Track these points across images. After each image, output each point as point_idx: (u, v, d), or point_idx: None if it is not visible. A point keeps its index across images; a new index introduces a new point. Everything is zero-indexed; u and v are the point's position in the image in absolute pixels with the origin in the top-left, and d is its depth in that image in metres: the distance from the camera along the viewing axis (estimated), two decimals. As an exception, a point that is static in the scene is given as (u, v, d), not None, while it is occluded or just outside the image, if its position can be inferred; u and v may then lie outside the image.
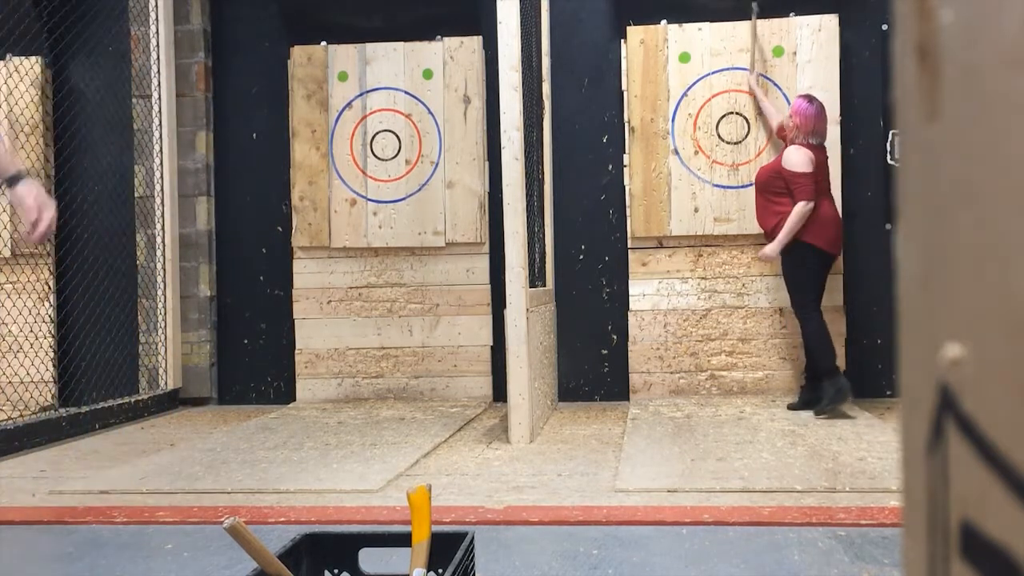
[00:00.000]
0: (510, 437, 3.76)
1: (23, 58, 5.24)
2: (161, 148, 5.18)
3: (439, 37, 5.07)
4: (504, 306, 3.81)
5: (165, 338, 5.17)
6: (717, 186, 4.87)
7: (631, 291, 4.98)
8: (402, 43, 5.09)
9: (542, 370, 4.32)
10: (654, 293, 4.96)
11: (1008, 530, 0.31)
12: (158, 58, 5.14)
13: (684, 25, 4.89)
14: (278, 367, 5.30)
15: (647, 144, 4.92)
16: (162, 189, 5.19)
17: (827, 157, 4.38)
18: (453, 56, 5.05)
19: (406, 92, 5.08)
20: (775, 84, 4.83)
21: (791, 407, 4.45)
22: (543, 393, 4.34)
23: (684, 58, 4.88)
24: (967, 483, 0.33)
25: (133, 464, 3.51)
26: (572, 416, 4.59)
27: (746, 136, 4.85)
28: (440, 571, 1.57)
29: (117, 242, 5.27)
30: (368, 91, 5.11)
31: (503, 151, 3.75)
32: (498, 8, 3.70)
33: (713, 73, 4.87)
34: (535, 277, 4.40)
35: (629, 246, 4.99)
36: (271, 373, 5.32)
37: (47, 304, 5.29)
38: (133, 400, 4.80)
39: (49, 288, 5.30)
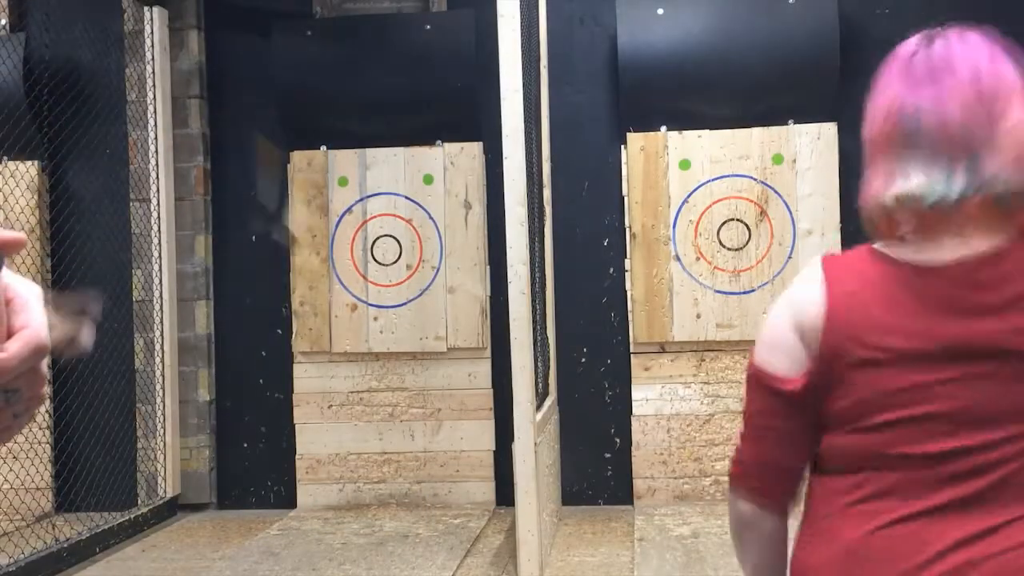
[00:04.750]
0: (519, 574, 3.73)
1: (19, 162, 5.20)
2: (160, 252, 5.15)
3: (439, 142, 5.07)
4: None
5: (164, 444, 5.12)
6: (719, 292, 4.88)
7: (634, 396, 4.98)
8: (402, 148, 5.08)
9: (548, 491, 4.30)
10: (657, 398, 4.96)
11: None
12: (157, 163, 5.12)
13: (684, 132, 4.91)
14: (278, 471, 5.25)
15: (648, 250, 4.93)
16: (161, 293, 5.15)
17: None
18: (454, 161, 5.06)
19: (407, 197, 5.08)
20: (775, 191, 4.85)
21: None
22: (549, 512, 4.32)
23: (684, 165, 4.91)
24: None
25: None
26: (578, 530, 4.56)
27: (747, 243, 4.87)
28: None
29: (115, 346, 5.22)
30: (368, 196, 5.10)
31: (510, 285, 3.75)
32: (504, 144, 3.71)
33: (713, 180, 4.89)
34: (539, 386, 4.39)
35: (631, 350, 4.98)
36: (271, 477, 5.27)
37: (44, 409, 5.23)
38: (132, 516, 4.73)
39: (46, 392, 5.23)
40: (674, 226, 4.92)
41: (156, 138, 5.13)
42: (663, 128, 4.94)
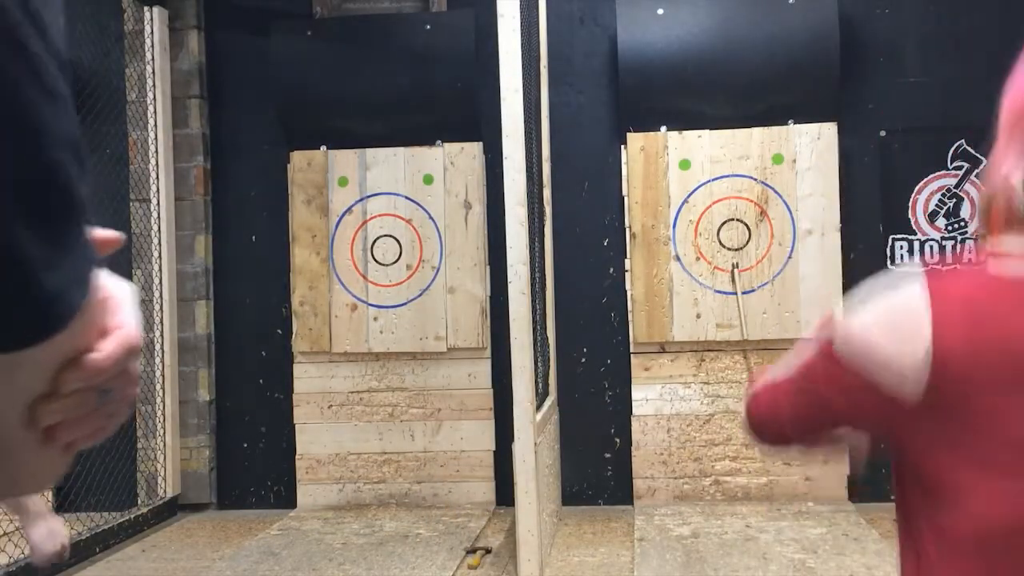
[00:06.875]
0: (519, 574, 3.73)
1: (20, 162, 5.19)
2: (160, 252, 5.15)
3: (439, 143, 5.07)
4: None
5: (164, 444, 5.11)
6: (719, 292, 4.88)
7: (634, 396, 4.97)
8: (402, 148, 5.08)
9: (548, 491, 4.29)
10: (657, 398, 4.96)
11: None
12: (157, 163, 5.12)
13: (684, 132, 4.91)
14: (278, 471, 5.24)
15: (648, 250, 4.93)
16: (161, 293, 5.15)
17: None
18: (453, 161, 5.06)
19: (407, 197, 5.08)
20: (775, 191, 4.85)
21: None
22: (549, 512, 4.32)
23: (684, 165, 4.90)
24: None
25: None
26: (578, 530, 4.56)
27: (747, 243, 4.87)
28: None
29: (115, 346, 5.21)
30: (368, 196, 5.10)
31: (510, 285, 3.75)
32: (504, 144, 3.71)
33: (713, 180, 4.89)
34: (539, 386, 4.38)
35: (631, 351, 4.98)
36: (271, 477, 5.26)
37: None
38: (132, 516, 4.73)
39: (45, 393, 5.23)
40: (674, 226, 4.92)
41: (156, 138, 5.13)
42: (663, 128, 4.94)
